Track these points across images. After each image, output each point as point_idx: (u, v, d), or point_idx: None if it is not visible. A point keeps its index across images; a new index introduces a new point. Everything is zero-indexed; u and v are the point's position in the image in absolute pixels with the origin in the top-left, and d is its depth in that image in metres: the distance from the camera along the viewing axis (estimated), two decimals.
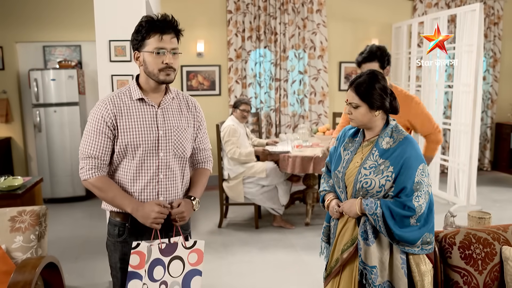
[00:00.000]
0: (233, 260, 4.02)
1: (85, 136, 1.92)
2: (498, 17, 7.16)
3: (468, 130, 5.31)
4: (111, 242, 2.01)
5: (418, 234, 1.93)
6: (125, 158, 1.92)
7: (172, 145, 1.96)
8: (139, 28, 1.88)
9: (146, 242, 1.86)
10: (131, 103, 1.93)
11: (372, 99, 1.98)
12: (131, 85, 1.97)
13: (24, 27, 6.14)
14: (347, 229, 2.10)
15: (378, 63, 2.87)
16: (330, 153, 2.29)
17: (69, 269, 3.82)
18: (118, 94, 1.94)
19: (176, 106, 2.02)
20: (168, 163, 1.96)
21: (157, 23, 1.86)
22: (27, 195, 3.33)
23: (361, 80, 2.01)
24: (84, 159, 1.91)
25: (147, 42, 1.86)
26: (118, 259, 1.99)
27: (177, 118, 2.00)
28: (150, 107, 1.94)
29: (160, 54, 1.86)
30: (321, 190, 2.29)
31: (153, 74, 1.89)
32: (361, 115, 2.02)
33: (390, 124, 2.05)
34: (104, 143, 1.89)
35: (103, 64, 3.39)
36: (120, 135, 1.89)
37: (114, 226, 1.99)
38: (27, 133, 6.41)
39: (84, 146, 1.91)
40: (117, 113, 1.89)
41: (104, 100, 1.92)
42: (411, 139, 2.01)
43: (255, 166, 4.68)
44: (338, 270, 2.11)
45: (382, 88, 2.00)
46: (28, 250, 2.44)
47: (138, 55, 1.91)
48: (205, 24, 6.48)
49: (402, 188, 1.92)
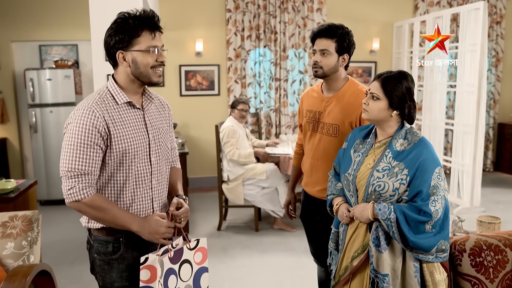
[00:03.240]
0: (233, 264, 3.94)
1: (72, 150, 1.67)
2: (501, 16, 7.08)
3: (471, 130, 5.23)
4: (103, 262, 1.83)
5: (433, 241, 1.84)
6: (119, 168, 1.76)
7: (160, 148, 1.88)
8: (123, 25, 1.72)
9: (153, 255, 1.77)
10: (118, 108, 1.76)
11: (395, 95, 1.90)
12: (111, 88, 1.78)
13: (20, 26, 6.04)
14: (358, 235, 2.00)
15: (335, 44, 2.33)
16: (338, 156, 2.19)
17: (65, 273, 3.73)
18: (100, 99, 1.74)
19: (154, 107, 1.92)
20: (159, 167, 1.88)
21: (146, 20, 1.72)
22: (20, 198, 3.23)
23: (391, 75, 1.94)
24: (73, 178, 1.68)
25: (138, 40, 1.72)
26: (115, 278, 1.84)
27: (158, 120, 1.91)
28: (137, 110, 1.82)
29: (152, 53, 1.74)
30: (328, 194, 2.19)
31: (145, 75, 1.76)
32: (377, 110, 1.93)
33: (405, 126, 1.97)
34: (97, 156, 1.70)
35: (98, 64, 3.31)
36: (114, 144, 1.72)
37: (105, 244, 1.81)
38: (23, 133, 6.32)
39: (72, 163, 1.67)
40: (108, 119, 1.71)
41: (89, 107, 1.69)
42: (426, 141, 1.93)
43: (255, 168, 4.60)
44: (347, 278, 2.02)
45: (408, 89, 1.93)
46: (19, 257, 2.35)
47: (123, 55, 1.74)
48: (204, 23, 6.39)
49: (417, 192, 1.83)
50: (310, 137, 2.51)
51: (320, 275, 2.70)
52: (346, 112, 2.34)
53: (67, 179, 1.70)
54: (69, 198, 1.71)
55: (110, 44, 1.74)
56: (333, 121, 2.37)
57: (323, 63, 2.35)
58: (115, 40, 1.72)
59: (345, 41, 2.35)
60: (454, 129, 5.74)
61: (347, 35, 2.35)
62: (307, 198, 2.60)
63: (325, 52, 2.34)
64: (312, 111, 2.50)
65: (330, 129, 2.39)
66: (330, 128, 2.39)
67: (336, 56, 2.35)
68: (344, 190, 2.10)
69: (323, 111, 2.43)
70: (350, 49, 2.39)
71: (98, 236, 1.83)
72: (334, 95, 2.42)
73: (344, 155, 2.12)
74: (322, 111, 2.44)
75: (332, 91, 2.44)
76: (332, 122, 2.38)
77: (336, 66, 2.36)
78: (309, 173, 2.53)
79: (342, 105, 2.36)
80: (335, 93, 2.42)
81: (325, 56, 2.34)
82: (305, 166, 2.59)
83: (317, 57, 2.36)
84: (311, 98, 2.55)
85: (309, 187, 2.55)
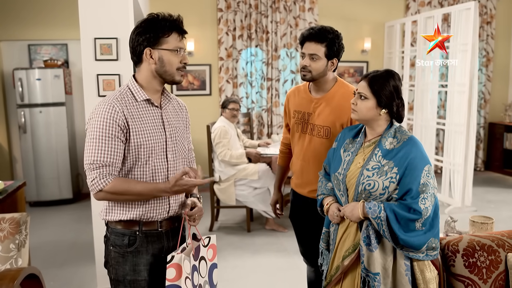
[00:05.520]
0: (225, 265, 3.91)
1: (94, 143, 1.72)
2: (491, 16, 7.12)
3: (462, 130, 5.25)
4: (118, 254, 1.85)
5: (423, 239, 1.85)
6: (136, 163, 1.80)
7: (177, 146, 1.92)
8: (154, 24, 1.78)
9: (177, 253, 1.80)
10: (137, 105, 1.81)
11: (383, 94, 1.91)
12: (132, 86, 1.84)
13: (8, 25, 5.95)
14: (349, 234, 2.00)
15: (325, 48, 2.27)
16: (328, 156, 2.18)
17: (54, 276, 3.68)
18: (120, 95, 1.80)
19: (172, 107, 1.96)
20: (175, 165, 1.90)
21: (176, 22, 1.81)
22: (8, 200, 3.17)
23: (377, 74, 1.95)
24: (96, 169, 1.71)
25: (166, 39, 1.79)
26: (128, 270, 1.85)
27: (176, 120, 1.95)
28: (155, 108, 1.86)
29: (179, 53, 1.81)
30: (318, 194, 2.18)
31: (169, 73, 1.82)
32: (366, 109, 1.94)
33: (394, 125, 1.98)
34: (118, 148, 1.74)
35: (88, 63, 3.25)
36: (132, 138, 1.76)
37: (122, 236, 1.84)
38: (11, 134, 6.23)
39: (96, 155, 1.71)
40: (127, 114, 1.76)
41: (110, 102, 1.75)
42: (415, 140, 1.94)
43: (247, 168, 4.57)
44: (339, 278, 2.02)
45: (395, 87, 1.94)
46: (7, 261, 2.31)
47: (150, 53, 1.79)
48: (195, 23, 6.35)
49: (407, 190, 1.84)
50: (299, 138, 2.48)
51: (310, 275, 2.68)
52: (337, 114, 2.31)
53: (90, 171, 1.73)
54: (93, 189, 1.74)
55: (138, 41, 1.79)
56: (324, 123, 2.34)
57: (312, 68, 2.30)
58: (144, 37, 1.77)
59: (335, 45, 2.30)
60: (446, 128, 5.76)
61: (336, 39, 2.30)
62: (297, 198, 2.57)
63: (314, 56, 2.29)
64: (300, 112, 2.46)
65: (321, 131, 2.36)
66: (321, 130, 2.36)
67: (325, 61, 2.30)
68: (334, 190, 2.10)
69: (312, 112, 2.40)
70: (340, 53, 2.35)
71: (115, 229, 1.86)
72: (323, 96, 2.38)
73: (334, 155, 2.12)
74: (311, 112, 2.40)
75: (321, 92, 2.40)
76: (323, 124, 2.35)
77: (324, 71, 2.32)
78: (300, 174, 2.50)
79: (332, 107, 2.33)
80: (324, 94, 2.38)
81: (314, 60, 2.29)
82: (294, 168, 2.56)
83: (306, 61, 2.31)
84: (299, 98, 2.50)
85: (300, 188, 2.52)
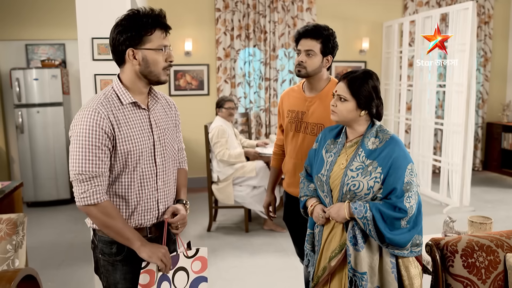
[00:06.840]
0: (223, 265, 3.90)
1: (81, 152, 1.62)
2: (489, 16, 7.12)
3: (460, 130, 5.25)
4: (107, 262, 1.80)
5: (408, 236, 1.87)
6: (124, 170, 1.72)
7: (166, 149, 1.85)
8: (135, 22, 1.66)
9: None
10: (123, 108, 1.72)
11: (362, 96, 1.92)
12: (117, 88, 1.74)
13: (5, 25, 5.93)
14: (334, 235, 2.01)
15: (320, 44, 2.33)
16: (309, 156, 2.18)
17: (52, 276, 3.67)
18: (105, 99, 1.70)
19: (160, 107, 1.89)
20: (164, 168, 1.84)
21: (158, 18, 1.68)
22: (5, 201, 3.16)
23: (356, 75, 1.95)
24: (85, 182, 1.63)
25: (150, 38, 1.67)
26: (119, 279, 1.80)
27: (164, 120, 1.88)
28: (142, 110, 1.78)
29: (164, 52, 1.71)
30: (301, 195, 2.17)
31: (155, 74, 1.72)
32: (346, 111, 1.95)
33: (375, 124, 1.99)
34: (106, 157, 1.66)
35: (85, 63, 3.24)
36: (119, 146, 1.68)
37: (110, 244, 1.77)
38: (9, 134, 6.21)
39: (82, 165, 1.62)
40: (113, 119, 1.66)
41: (95, 108, 1.65)
42: (397, 139, 1.95)
43: (244, 166, 4.58)
44: (326, 279, 2.02)
45: (374, 88, 1.94)
46: (4, 262, 2.29)
47: (133, 53, 1.68)
48: (193, 23, 6.34)
49: (392, 190, 1.86)
50: (293, 137, 2.50)
51: (306, 275, 2.70)
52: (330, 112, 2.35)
53: (79, 183, 1.65)
54: (82, 201, 1.66)
55: (119, 41, 1.68)
56: (318, 120, 2.38)
57: (307, 64, 2.35)
58: (126, 37, 1.66)
59: (330, 42, 2.36)
60: (444, 128, 5.76)
61: (331, 36, 2.37)
62: (289, 199, 2.59)
63: (310, 52, 2.34)
64: (294, 111, 2.49)
65: (314, 129, 2.39)
66: (314, 128, 2.39)
67: (320, 57, 2.37)
68: (317, 191, 2.09)
69: (306, 111, 2.43)
70: (334, 50, 2.41)
71: (102, 237, 1.79)
72: (316, 95, 2.42)
73: (316, 156, 2.11)
74: (305, 111, 2.44)
75: (314, 91, 2.44)
76: (316, 121, 2.38)
77: (320, 67, 2.38)
78: (292, 173, 2.51)
79: (325, 105, 2.35)
80: (318, 93, 2.42)
81: (310, 56, 2.35)
82: (287, 167, 2.57)
83: (302, 57, 2.36)
84: (292, 98, 2.54)
85: (292, 188, 2.53)
